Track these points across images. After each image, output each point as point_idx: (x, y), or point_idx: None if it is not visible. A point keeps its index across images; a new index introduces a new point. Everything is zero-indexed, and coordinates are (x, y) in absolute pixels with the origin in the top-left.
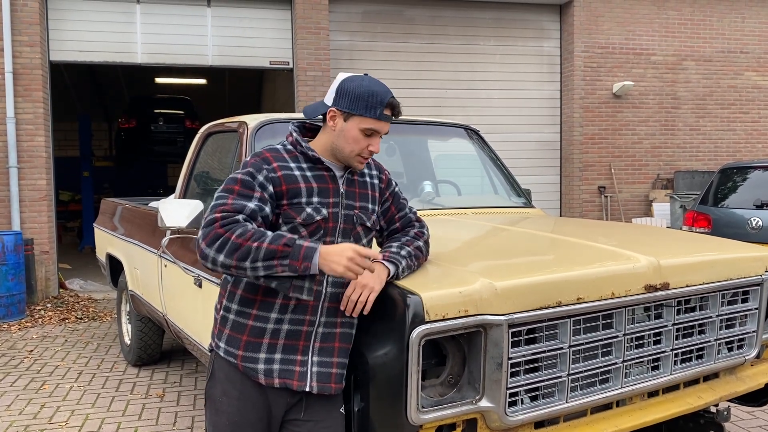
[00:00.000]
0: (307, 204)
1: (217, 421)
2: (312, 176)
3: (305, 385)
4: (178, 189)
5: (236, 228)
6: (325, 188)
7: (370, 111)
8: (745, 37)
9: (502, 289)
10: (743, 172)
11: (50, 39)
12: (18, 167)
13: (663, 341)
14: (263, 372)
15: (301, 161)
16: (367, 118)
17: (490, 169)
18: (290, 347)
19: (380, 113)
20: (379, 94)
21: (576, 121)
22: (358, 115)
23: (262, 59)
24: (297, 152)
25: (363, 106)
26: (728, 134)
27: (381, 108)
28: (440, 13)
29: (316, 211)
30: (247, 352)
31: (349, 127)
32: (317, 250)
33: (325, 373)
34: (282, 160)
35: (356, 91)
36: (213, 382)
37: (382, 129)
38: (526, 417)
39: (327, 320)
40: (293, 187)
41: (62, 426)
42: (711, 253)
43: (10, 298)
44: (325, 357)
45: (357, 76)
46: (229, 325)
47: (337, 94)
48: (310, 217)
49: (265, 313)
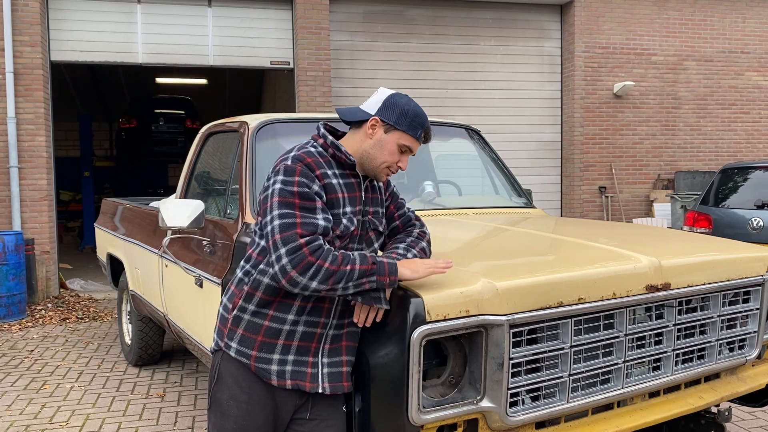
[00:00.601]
0: (343, 215)
1: (224, 425)
2: (344, 184)
3: (318, 387)
4: (178, 189)
5: (326, 254)
6: (353, 197)
7: (413, 130)
8: (746, 37)
9: (503, 290)
10: (744, 172)
11: (51, 39)
12: (19, 167)
13: (664, 341)
14: (276, 373)
15: (333, 167)
16: (408, 136)
17: (491, 169)
18: (303, 349)
19: (419, 134)
20: (423, 117)
21: (577, 121)
22: (401, 131)
23: (262, 59)
24: (329, 156)
25: (408, 123)
26: (729, 134)
27: (422, 130)
28: (441, 13)
29: (350, 221)
30: (261, 353)
31: (389, 139)
32: (397, 264)
33: (336, 373)
34: (321, 167)
35: (404, 108)
36: (220, 386)
37: (415, 149)
38: (527, 417)
39: (338, 322)
40: (333, 197)
41: (63, 426)
42: (712, 254)
43: (11, 298)
44: (335, 357)
45: (404, 95)
46: (243, 325)
47: (383, 105)
48: (347, 228)
49: (282, 315)
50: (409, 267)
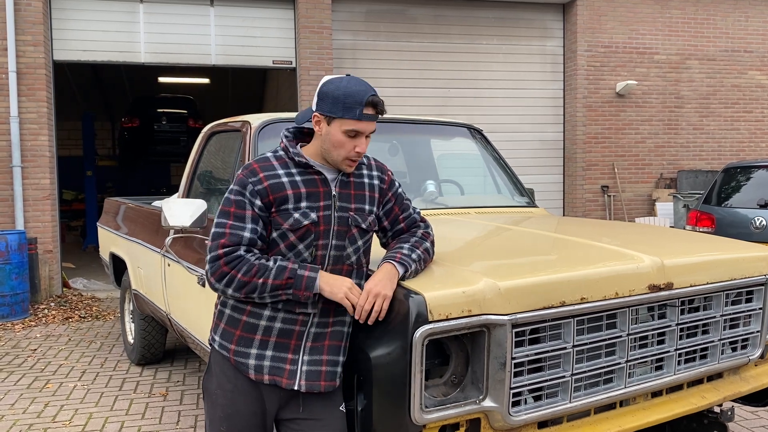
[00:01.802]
0: (295, 209)
1: (213, 414)
2: (302, 181)
3: (294, 384)
4: (181, 188)
5: (241, 265)
6: (315, 192)
7: (349, 112)
8: (749, 36)
9: (505, 289)
10: (747, 171)
11: (54, 38)
12: (22, 166)
13: (667, 341)
14: (253, 368)
15: (291, 167)
16: (347, 120)
17: (493, 168)
18: (282, 345)
19: (360, 113)
20: (357, 94)
21: (579, 121)
22: (338, 118)
23: (265, 59)
24: (287, 158)
25: (341, 108)
26: (732, 133)
27: (360, 108)
28: (443, 13)
29: (304, 215)
30: (239, 347)
31: (333, 130)
32: (317, 280)
33: (314, 372)
34: (269, 169)
35: (334, 93)
36: (209, 376)
37: (365, 129)
38: (529, 417)
39: (320, 320)
40: (279, 195)
41: (66, 425)
42: (714, 253)
43: (14, 297)
44: (316, 356)
45: (336, 78)
46: (224, 319)
47: (318, 98)
48: (297, 222)
49: (259, 310)
50: (331, 285)
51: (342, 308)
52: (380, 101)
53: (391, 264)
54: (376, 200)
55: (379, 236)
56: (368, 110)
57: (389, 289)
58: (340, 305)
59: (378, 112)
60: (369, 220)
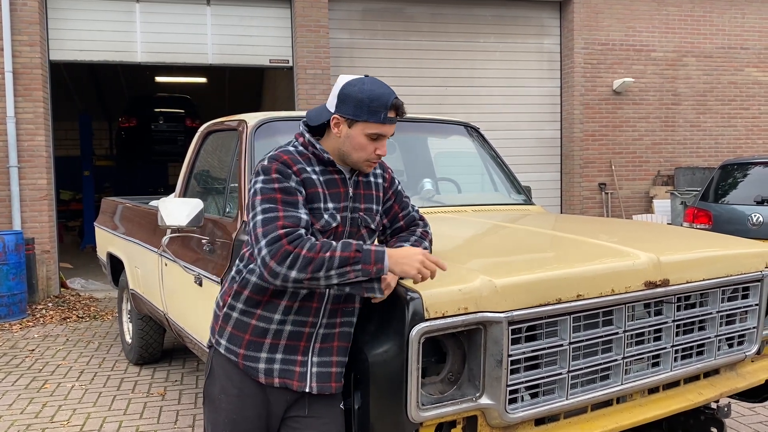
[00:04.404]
0: (325, 210)
1: (216, 419)
2: (325, 180)
3: (305, 386)
4: (178, 188)
5: (304, 242)
6: (336, 193)
7: (374, 116)
8: (746, 33)
9: (501, 287)
10: (744, 168)
11: (50, 38)
12: (18, 167)
13: (663, 338)
14: (263, 371)
15: (313, 163)
16: (371, 124)
17: (490, 166)
18: (291, 348)
19: (384, 117)
20: (383, 97)
21: (576, 118)
22: (362, 121)
23: (262, 58)
24: (309, 154)
25: (366, 111)
26: (729, 130)
27: (385, 112)
28: (440, 11)
29: (332, 217)
30: (248, 351)
31: (355, 133)
32: (385, 252)
33: (324, 373)
34: (299, 163)
35: (358, 96)
36: (212, 380)
37: (387, 132)
38: (526, 414)
39: (328, 321)
40: (313, 191)
41: (64, 425)
42: (711, 250)
43: (12, 298)
44: (325, 357)
45: (358, 80)
46: (232, 323)
47: (339, 100)
48: (328, 224)
49: (269, 314)
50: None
51: (349, 308)
52: (401, 104)
53: None
54: (380, 199)
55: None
56: (392, 113)
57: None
58: (347, 305)
59: (399, 115)
60: (377, 220)
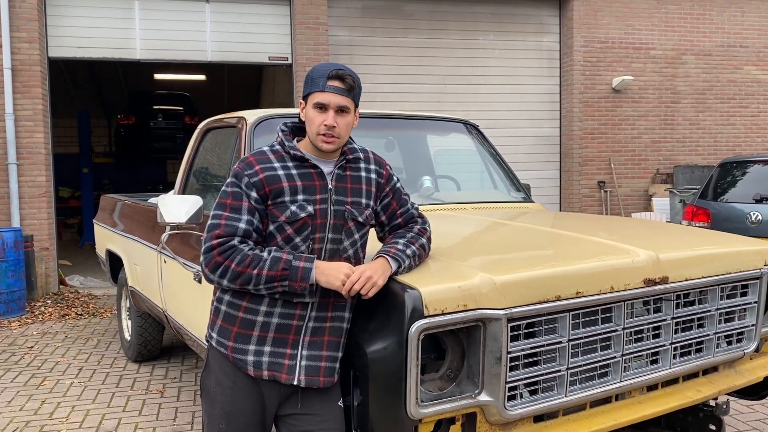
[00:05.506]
0: (292, 202)
1: (212, 411)
2: (298, 174)
3: (293, 379)
4: (177, 185)
5: (234, 255)
6: (311, 185)
7: (315, 85)
8: (745, 31)
9: (501, 284)
10: (743, 166)
11: (49, 35)
12: (17, 164)
13: (662, 335)
14: (252, 364)
15: (287, 160)
16: (315, 93)
17: (490, 164)
18: (280, 340)
19: (324, 84)
20: (323, 68)
21: (575, 116)
22: (309, 95)
23: (261, 55)
24: (284, 152)
25: (310, 84)
26: (728, 128)
27: (324, 80)
28: (439, 8)
29: (300, 208)
30: (237, 344)
31: (308, 110)
32: (312, 270)
33: (313, 367)
34: (266, 162)
35: (309, 75)
36: (207, 373)
37: (329, 100)
38: (525, 411)
39: (318, 315)
40: (276, 186)
41: (63, 422)
42: (710, 247)
43: (10, 295)
44: (315, 351)
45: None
46: (221, 316)
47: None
48: (294, 214)
49: (255, 306)
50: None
51: (341, 303)
52: (347, 75)
53: (384, 258)
54: (373, 194)
55: (377, 230)
56: (333, 82)
57: (381, 279)
58: (339, 299)
59: (347, 87)
60: (366, 213)
